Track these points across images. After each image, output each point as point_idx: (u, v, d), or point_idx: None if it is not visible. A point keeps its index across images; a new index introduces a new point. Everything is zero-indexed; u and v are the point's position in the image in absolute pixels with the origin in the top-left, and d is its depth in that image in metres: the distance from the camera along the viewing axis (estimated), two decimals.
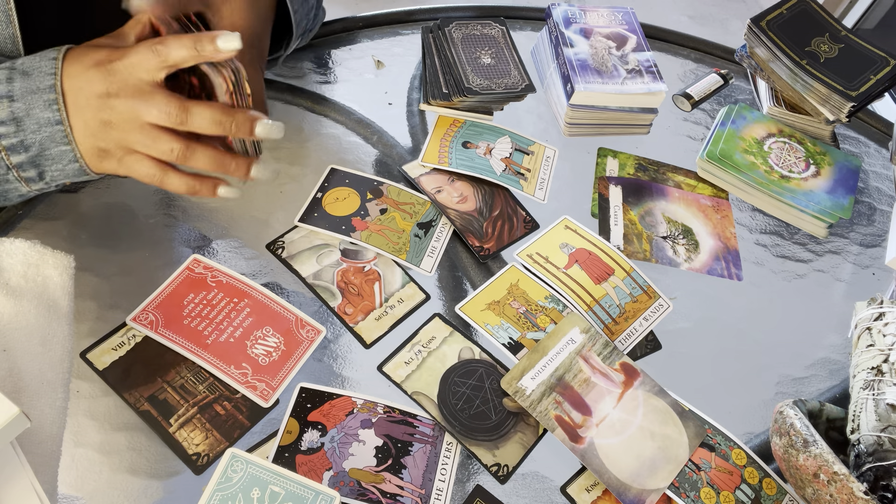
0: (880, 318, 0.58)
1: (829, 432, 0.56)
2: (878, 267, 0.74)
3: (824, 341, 0.67)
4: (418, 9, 0.89)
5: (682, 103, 0.86)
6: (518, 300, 0.62)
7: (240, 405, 0.53)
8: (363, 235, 0.64)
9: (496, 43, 0.80)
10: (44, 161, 0.52)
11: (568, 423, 0.54)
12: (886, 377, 0.54)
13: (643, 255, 0.69)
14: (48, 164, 0.52)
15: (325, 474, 0.50)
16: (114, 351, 0.54)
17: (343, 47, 0.84)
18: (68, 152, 0.52)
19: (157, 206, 0.65)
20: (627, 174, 0.76)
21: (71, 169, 0.53)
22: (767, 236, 0.74)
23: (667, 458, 0.54)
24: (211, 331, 0.55)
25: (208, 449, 0.51)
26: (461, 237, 0.67)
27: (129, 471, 0.50)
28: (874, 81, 0.80)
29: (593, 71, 0.78)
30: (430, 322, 0.60)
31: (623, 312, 0.63)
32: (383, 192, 0.68)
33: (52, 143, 0.51)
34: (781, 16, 0.85)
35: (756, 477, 0.54)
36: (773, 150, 0.78)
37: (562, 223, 0.68)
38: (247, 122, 0.53)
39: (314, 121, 0.76)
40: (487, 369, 0.58)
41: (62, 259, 0.55)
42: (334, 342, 0.58)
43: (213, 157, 0.54)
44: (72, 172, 0.54)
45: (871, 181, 0.83)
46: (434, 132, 0.74)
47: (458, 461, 0.53)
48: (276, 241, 0.63)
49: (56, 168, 0.53)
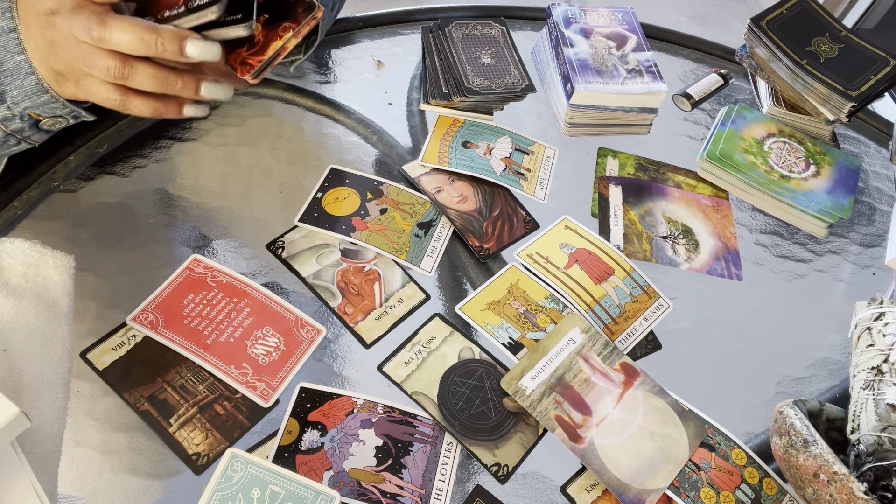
0: (880, 318, 0.58)
1: (829, 432, 0.56)
2: (878, 267, 0.74)
3: (824, 341, 0.67)
4: (418, 9, 0.89)
5: (682, 103, 0.86)
6: (518, 300, 0.62)
7: (240, 405, 0.53)
8: (363, 235, 0.64)
9: (496, 43, 0.80)
10: (2, 77, 0.50)
11: (568, 423, 0.54)
12: (886, 377, 0.54)
13: (643, 255, 0.69)
14: (7, 80, 0.51)
15: (325, 474, 0.50)
16: (114, 351, 0.54)
17: (343, 47, 0.84)
18: (23, 63, 0.50)
19: (157, 206, 0.65)
20: (627, 174, 0.76)
21: (29, 84, 0.51)
22: (767, 236, 0.74)
23: (667, 458, 0.54)
24: (211, 331, 0.55)
25: (208, 449, 0.51)
26: (461, 237, 0.67)
27: (129, 471, 0.50)
28: (874, 81, 0.80)
29: (593, 71, 0.78)
30: (430, 322, 0.60)
31: (623, 312, 0.63)
32: (383, 192, 0.68)
33: (7, 54, 0.50)
34: (781, 16, 0.85)
35: (756, 477, 0.54)
36: (773, 150, 0.78)
37: (562, 223, 0.68)
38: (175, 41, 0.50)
39: (314, 121, 0.76)
40: (487, 369, 0.58)
41: (62, 259, 0.55)
42: (334, 342, 0.58)
43: (155, 75, 0.51)
44: (31, 89, 0.51)
45: (871, 181, 0.83)
46: (434, 132, 0.74)
47: (458, 461, 0.53)
48: (276, 240, 0.63)
49: (15, 86, 0.51)
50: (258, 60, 0.54)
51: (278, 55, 0.54)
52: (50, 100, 0.52)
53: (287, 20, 0.54)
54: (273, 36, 0.54)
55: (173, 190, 0.66)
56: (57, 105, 0.53)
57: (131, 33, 0.49)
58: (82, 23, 0.48)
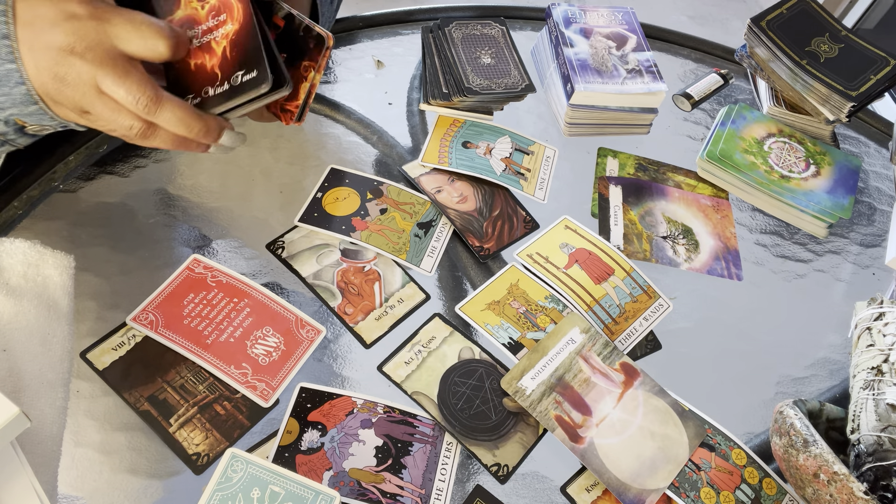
0: (880, 318, 0.58)
1: (829, 432, 0.56)
2: (878, 267, 0.74)
3: (824, 341, 0.67)
4: (418, 9, 0.89)
5: (682, 103, 0.86)
6: (518, 300, 0.62)
7: (240, 405, 0.53)
8: (363, 235, 0.64)
9: (496, 43, 0.80)
10: None
11: (568, 423, 0.54)
12: (886, 377, 0.54)
13: (643, 255, 0.69)
14: None
15: (325, 474, 0.50)
16: (114, 351, 0.54)
17: (343, 47, 0.84)
18: (14, 72, 0.47)
19: (157, 206, 0.65)
20: (627, 174, 0.76)
21: (18, 94, 0.48)
22: (767, 236, 0.74)
23: (667, 458, 0.54)
24: (211, 331, 0.55)
25: (208, 449, 0.51)
26: (461, 237, 0.67)
27: (129, 471, 0.50)
28: (874, 81, 0.80)
29: (593, 71, 0.78)
30: (430, 322, 0.60)
31: (623, 312, 0.63)
32: (383, 192, 0.68)
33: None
34: (781, 16, 0.85)
35: (756, 477, 0.54)
36: (773, 150, 0.78)
37: (562, 223, 0.68)
38: (214, 130, 0.51)
39: (314, 121, 0.76)
40: (487, 369, 0.58)
41: (62, 259, 0.55)
42: (334, 342, 0.58)
43: (173, 140, 0.51)
44: (20, 98, 0.48)
45: (871, 181, 0.83)
46: (434, 132, 0.74)
47: (458, 461, 0.53)
48: (276, 240, 0.63)
49: (2, 92, 0.47)
50: (295, 106, 0.56)
51: (310, 94, 0.56)
52: (38, 111, 0.50)
53: (305, 59, 0.56)
54: (299, 78, 0.56)
55: (173, 190, 0.66)
56: (45, 117, 0.51)
57: (180, 118, 0.49)
58: (132, 90, 0.47)
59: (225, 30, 0.52)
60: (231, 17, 0.52)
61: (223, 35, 0.52)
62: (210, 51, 0.52)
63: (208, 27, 0.53)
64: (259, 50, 0.50)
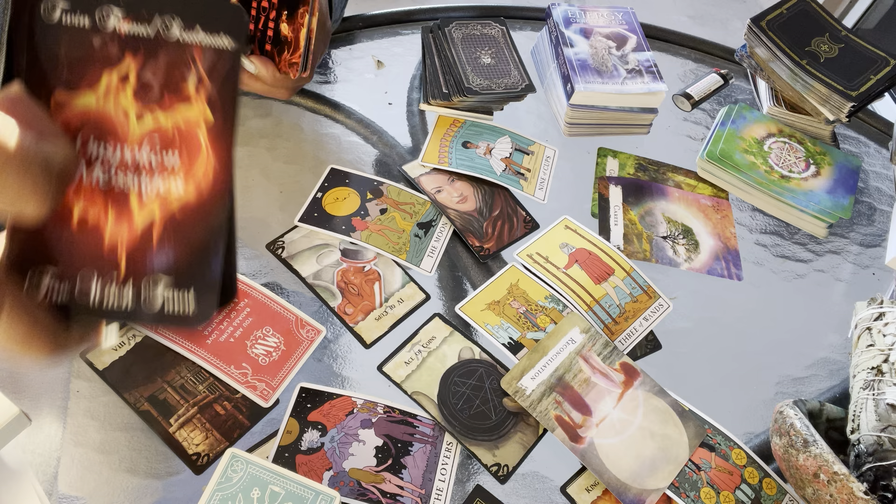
0: (880, 318, 0.58)
1: (829, 432, 0.56)
2: (878, 267, 0.74)
3: (824, 341, 0.67)
4: (418, 9, 0.89)
5: (682, 103, 0.86)
6: (518, 300, 0.62)
7: (240, 405, 0.53)
8: (363, 235, 0.64)
9: (496, 43, 0.80)
10: None
11: (568, 423, 0.54)
12: (886, 377, 0.54)
13: (643, 255, 0.69)
14: None
15: (325, 474, 0.50)
16: (114, 351, 0.54)
17: (343, 47, 0.84)
18: None
19: None
20: (627, 174, 0.76)
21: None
22: (767, 236, 0.74)
23: (667, 458, 0.54)
24: (211, 331, 0.55)
25: (208, 449, 0.51)
26: (461, 237, 0.67)
27: (128, 470, 0.50)
28: (874, 81, 0.80)
29: (593, 71, 0.78)
30: (430, 322, 0.60)
31: (623, 312, 0.63)
32: (383, 192, 0.68)
33: None
34: (781, 16, 0.85)
35: (756, 477, 0.54)
36: (773, 150, 0.78)
37: (562, 223, 0.68)
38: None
39: (314, 121, 0.76)
40: (487, 369, 0.58)
41: None
42: (334, 342, 0.58)
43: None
44: None
45: (871, 181, 0.83)
46: (434, 132, 0.74)
47: (458, 461, 0.53)
48: (276, 240, 0.63)
49: None
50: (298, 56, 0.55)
51: (310, 40, 0.55)
52: None
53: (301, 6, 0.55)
54: (297, 27, 0.55)
55: None
56: None
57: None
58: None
59: (167, 186, 0.29)
60: (188, 167, 0.29)
61: (159, 196, 0.29)
62: (124, 210, 0.29)
63: (137, 163, 0.29)
64: (215, 256, 0.29)
